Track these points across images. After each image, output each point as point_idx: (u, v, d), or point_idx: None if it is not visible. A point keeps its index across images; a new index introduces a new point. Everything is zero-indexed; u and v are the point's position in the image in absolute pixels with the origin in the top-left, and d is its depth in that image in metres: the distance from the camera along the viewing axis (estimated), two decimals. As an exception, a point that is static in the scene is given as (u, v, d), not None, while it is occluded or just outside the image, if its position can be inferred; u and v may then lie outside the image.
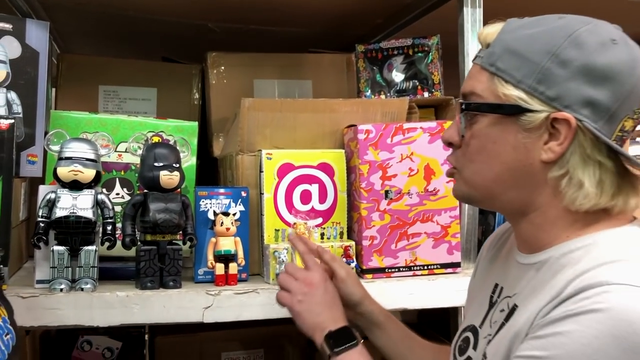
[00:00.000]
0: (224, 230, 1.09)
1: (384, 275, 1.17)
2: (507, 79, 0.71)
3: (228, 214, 1.11)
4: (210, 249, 1.10)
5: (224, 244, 1.09)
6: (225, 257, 1.10)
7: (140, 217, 1.06)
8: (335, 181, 1.20)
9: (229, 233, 1.10)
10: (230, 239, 1.10)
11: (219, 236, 1.10)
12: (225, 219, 1.09)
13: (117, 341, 1.44)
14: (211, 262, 1.09)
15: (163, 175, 1.04)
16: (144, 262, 1.05)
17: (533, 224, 0.75)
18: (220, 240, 1.10)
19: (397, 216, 1.17)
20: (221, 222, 1.09)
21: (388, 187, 1.16)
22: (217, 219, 1.09)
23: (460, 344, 0.85)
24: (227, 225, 1.09)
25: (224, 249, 1.09)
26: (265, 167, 1.17)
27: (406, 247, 1.17)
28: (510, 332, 0.71)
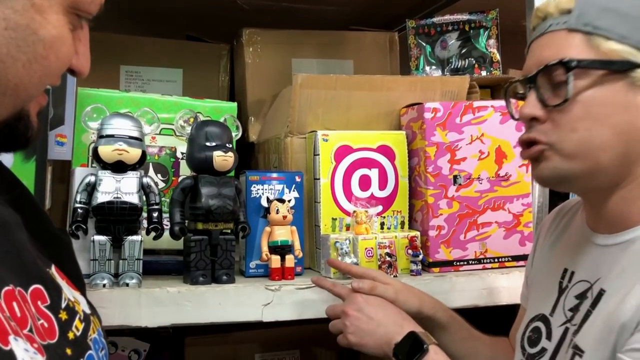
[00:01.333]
0: (279, 219, 0.98)
1: (452, 269, 1.06)
2: (609, 36, 0.67)
3: (283, 200, 1.00)
4: (265, 240, 0.99)
5: (279, 234, 0.99)
6: (281, 248, 0.99)
7: (190, 203, 0.94)
8: (396, 165, 1.09)
9: (285, 221, 0.99)
10: (286, 229, 0.99)
11: (274, 225, 0.99)
12: (281, 206, 0.98)
13: (145, 342, 1.32)
14: (266, 253, 0.98)
15: (217, 156, 0.93)
16: (194, 254, 0.93)
17: (625, 197, 0.69)
18: (276, 230, 0.99)
19: (466, 204, 1.07)
20: (277, 210, 0.98)
21: (457, 171, 1.06)
22: (272, 206, 0.99)
23: (529, 335, 0.79)
24: (284, 212, 0.98)
25: (281, 239, 0.98)
26: (321, 150, 1.06)
27: (476, 238, 1.07)
28: (605, 319, 0.66)
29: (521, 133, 1.08)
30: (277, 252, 0.99)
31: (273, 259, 0.98)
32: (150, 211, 0.93)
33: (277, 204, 0.99)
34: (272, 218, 0.99)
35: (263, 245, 0.99)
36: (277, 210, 0.98)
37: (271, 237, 0.99)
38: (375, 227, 1.07)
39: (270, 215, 0.99)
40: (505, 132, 1.07)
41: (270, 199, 1.00)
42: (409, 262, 1.04)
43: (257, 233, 1.02)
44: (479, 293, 1.04)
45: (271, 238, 0.99)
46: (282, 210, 0.98)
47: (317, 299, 0.95)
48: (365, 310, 0.85)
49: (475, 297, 1.03)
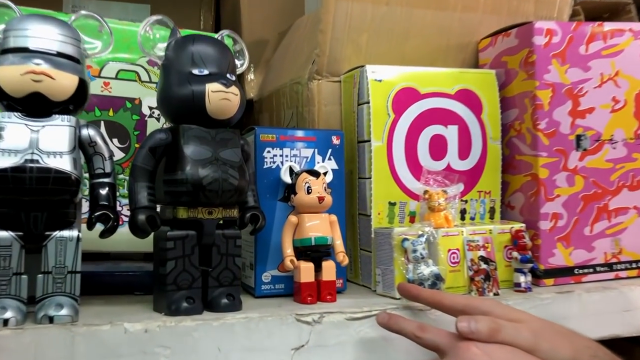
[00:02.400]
0: (312, 202, 0.60)
1: (571, 279, 0.69)
2: None
3: (317, 173, 0.61)
4: (289, 236, 0.61)
5: (312, 227, 0.60)
6: (315, 250, 0.60)
7: (166, 174, 0.54)
8: (483, 121, 0.71)
9: (321, 206, 0.60)
10: (322, 218, 0.61)
11: (304, 213, 0.61)
12: (314, 182, 0.60)
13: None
14: (291, 258, 0.60)
15: (212, 91, 0.53)
16: (173, 262, 0.54)
17: None
18: (306, 221, 0.60)
19: (593, 179, 0.70)
20: (307, 187, 0.60)
21: (581, 129, 0.69)
22: (300, 182, 0.60)
23: None
24: (319, 192, 0.60)
25: (315, 236, 0.60)
26: (373, 96, 0.67)
27: (606, 232, 0.70)
28: None
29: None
30: (309, 257, 0.60)
31: (303, 268, 0.60)
32: (96, 187, 0.53)
33: (307, 177, 0.60)
34: (301, 201, 0.60)
35: (286, 245, 0.60)
36: (309, 189, 0.60)
37: (299, 233, 0.60)
38: (454, 215, 0.69)
39: (296, 197, 0.61)
40: (650, 70, 0.71)
41: (295, 171, 0.62)
42: (511, 271, 0.66)
43: (274, 226, 0.63)
44: (620, 317, 0.67)
45: (299, 234, 0.60)
46: (315, 188, 0.60)
47: (384, 337, 0.57)
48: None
49: (616, 324, 0.66)
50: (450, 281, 0.63)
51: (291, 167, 0.63)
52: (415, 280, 0.61)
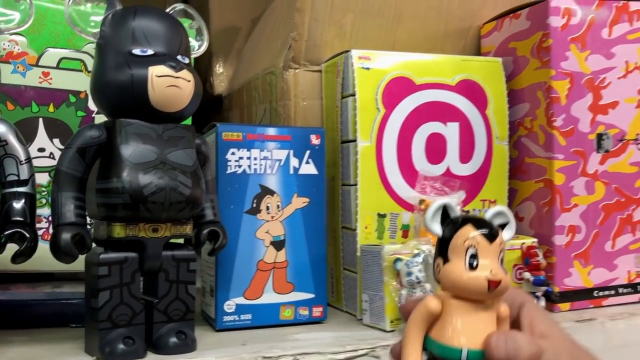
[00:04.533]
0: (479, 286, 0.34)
1: (590, 303, 0.59)
2: None
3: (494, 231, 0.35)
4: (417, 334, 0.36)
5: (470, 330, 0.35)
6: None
7: (99, 181, 0.43)
8: (488, 118, 0.61)
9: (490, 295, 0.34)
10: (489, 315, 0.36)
11: (456, 297, 0.36)
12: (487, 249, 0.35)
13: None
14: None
15: (157, 75, 0.42)
16: (107, 293, 0.42)
17: None
18: (459, 314, 0.35)
19: (615, 186, 0.60)
20: (470, 258, 0.34)
21: (603, 127, 0.59)
22: (459, 241, 0.35)
23: None
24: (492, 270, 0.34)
25: (470, 349, 0.35)
26: (359, 87, 0.56)
27: (630, 248, 0.60)
28: None
29: None
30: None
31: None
32: (8, 198, 0.42)
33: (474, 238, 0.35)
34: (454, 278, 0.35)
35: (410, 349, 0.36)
36: (472, 262, 0.34)
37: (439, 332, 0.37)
38: (455, 229, 0.58)
39: (447, 266, 0.35)
40: (680, 58, 0.61)
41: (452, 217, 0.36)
42: (523, 294, 0.56)
43: (239, 244, 0.52)
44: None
45: (439, 334, 0.37)
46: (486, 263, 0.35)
47: (370, 380, 0.46)
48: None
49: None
50: (452, 309, 0.53)
51: (446, 207, 0.37)
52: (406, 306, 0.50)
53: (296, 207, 0.54)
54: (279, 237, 0.54)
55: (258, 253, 0.53)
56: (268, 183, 0.53)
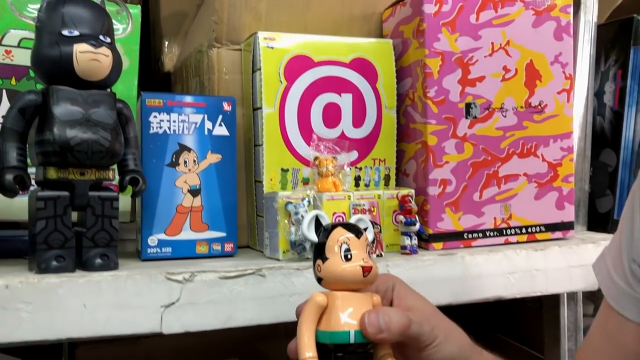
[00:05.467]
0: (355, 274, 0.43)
1: (461, 244, 0.71)
2: None
3: (358, 230, 0.45)
4: (309, 326, 0.43)
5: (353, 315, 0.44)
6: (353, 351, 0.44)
7: (37, 134, 0.55)
8: (378, 90, 0.72)
9: (366, 280, 0.44)
10: (365, 301, 0.45)
11: (337, 289, 0.44)
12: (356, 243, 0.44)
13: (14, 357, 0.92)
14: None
15: (80, 51, 0.54)
16: (44, 222, 0.54)
17: None
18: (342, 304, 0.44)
19: (482, 147, 0.71)
20: (345, 251, 0.44)
21: (471, 97, 0.70)
22: (332, 241, 0.45)
23: None
24: (364, 258, 0.44)
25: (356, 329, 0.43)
26: (264, 62, 0.68)
27: (496, 198, 0.72)
28: None
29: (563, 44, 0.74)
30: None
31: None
32: (-38, 148, 0.53)
33: (344, 235, 0.44)
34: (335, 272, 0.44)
35: (304, 339, 0.43)
36: (347, 253, 0.43)
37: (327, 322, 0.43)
38: (349, 183, 0.70)
39: (327, 263, 0.44)
40: (540, 40, 0.72)
41: (324, 225, 0.46)
42: (399, 235, 0.67)
43: (160, 191, 0.64)
44: (504, 280, 0.69)
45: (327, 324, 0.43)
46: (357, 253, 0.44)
47: (257, 296, 0.58)
48: None
49: (500, 286, 0.68)
50: (335, 244, 0.64)
51: (318, 218, 0.45)
52: (297, 241, 0.62)
53: (210, 162, 0.66)
54: (195, 186, 0.65)
55: (177, 198, 0.65)
56: (185, 142, 0.65)
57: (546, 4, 0.72)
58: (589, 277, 0.71)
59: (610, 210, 0.81)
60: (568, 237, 0.75)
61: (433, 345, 0.45)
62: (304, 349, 0.42)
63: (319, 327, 0.43)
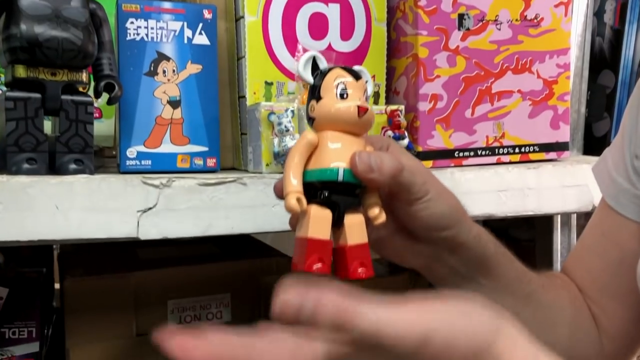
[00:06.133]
0: (349, 113, 0.40)
1: (452, 162, 0.69)
2: None
3: (357, 74, 0.42)
4: (298, 162, 0.40)
5: (342, 153, 0.40)
6: (342, 191, 0.40)
7: (4, 31, 0.52)
8: (367, 1, 0.69)
9: (360, 122, 0.40)
10: (359, 144, 0.41)
11: (330, 129, 0.41)
12: (353, 85, 0.41)
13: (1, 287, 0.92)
14: (297, 196, 0.39)
15: (46, -60, 0.51)
16: (14, 123, 0.52)
17: None
18: (332, 141, 0.40)
19: (475, 60, 0.68)
20: (341, 90, 0.40)
21: (464, 7, 0.67)
22: (329, 81, 0.41)
23: None
24: (360, 99, 0.41)
25: (345, 168, 0.40)
26: (247, -32, 0.65)
27: (489, 116, 0.70)
28: None
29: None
30: (327, 201, 0.40)
31: (314, 216, 0.39)
32: None
33: (341, 76, 0.41)
34: (329, 109, 0.40)
35: (291, 173, 0.40)
36: (343, 92, 0.40)
37: (316, 160, 0.41)
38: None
39: (321, 102, 0.41)
40: (538, -52, 0.69)
41: (321, 67, 0.43)
42: (388, 151, 0.65)
43: (138, 100, 0.61)
44: (496, 197, 0.67)
45: (316, 162, 0.41)
46: (353, 93, 0.40)
47: (239, 204, 0.56)
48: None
49: (491, 204, 0.67)
50: (321, 158, 0.62)
51: (315, 59, 0.42)
52: (280, 152, 0.60)
53: (190, 72, 0.63)
54: (174, 97, 0.63)
55: (156, 110, 0.62)
56: (164, 50, 0.62)
57: None
58: (583, 198, 0.70)
59: (607, 133, 0.79)
60: (562, 159, 0.73)
61: (424, 199, 0.43)
62: (289, 181, 0.39)
63: (307, 167, 0.40)
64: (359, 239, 0.40)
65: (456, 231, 0.45)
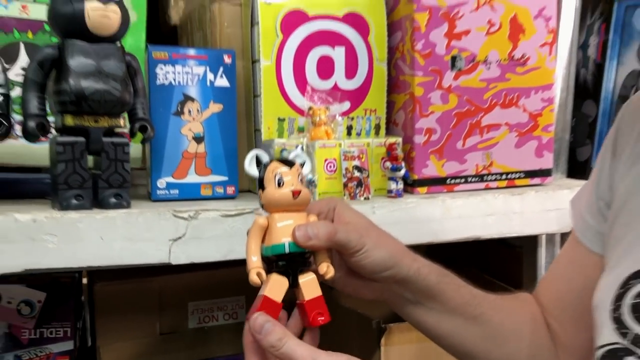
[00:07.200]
0: (286, 198, 0.49)
1: (444, 189, 0.77)
2: None
3: (291, 162, 0.51)
4: (254, 242, 0.50)
5: (287, 230, 0.49)
6: (291, 259, 0.50)
7: (55, 85, 0.61)
8: (370, 44, 0.77)
9: (296, 203, 0.50)
10: (300, 219, 0.50)
11: (274, 212, 0.50)
12: (287, 173, 0.50)
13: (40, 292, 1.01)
14: (257, 271, 0.49)
15: (91, 9, 0.59)
16: (63, 164, 0.61)
17: None
18: (278, 221, 0.50)
19: (467, 97, 0.76)
20: (278, 180, 0.49)
21: (456, 50, 0.75)
22: (269, 174, 0.50)
23: (635, 303, 0.47)
24: (293, 184, 0.50)
25: (290, 241, 0.49)
26: (262, 17, 0.72)
27: (478, 147, 0.77)
28: None
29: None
30: (283, 269, 0.50)
31: (272, 280, 0.49)
32: (-11, 97, 0.59)
33: (278, 168, 0.50)
34: (271, 197, 0.50)
35: (250, 253, 0.50)
36: (280, 181, 0.49)
37: (269, 238, 0.50)
38: (341, 131, 0.75)
39: (265, 192, 0.50)
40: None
41: (263, 162, 0.51)
42: (386, 180, 0.73)
43: (167, 137, 0.70)
44: (482, 221, 0.75)
45: (269, 239, 0.50)
46: (288, 180, 0.49)
47: (254, 231, 0.65)
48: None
49: (478, 227, 0.75)
50: (327, 187, 0.71)
51: (258, 156, 0.51)
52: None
53: (212, 111, 0.72)
54: (199, 133, 0.71)
55: (183, 145, 0.71)
56: (189, 92, 0.70)
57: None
58: (563, 220, 0.77)
59: (589, 158, 0.86)
60: (546, 184, 0.81)
61: (362, 251, 0.51)
62: (250, 259, 0.49)
63: (262, 244, 0.50)
64: (313, 294, 0.50)
65: (396, 271, 0.54)
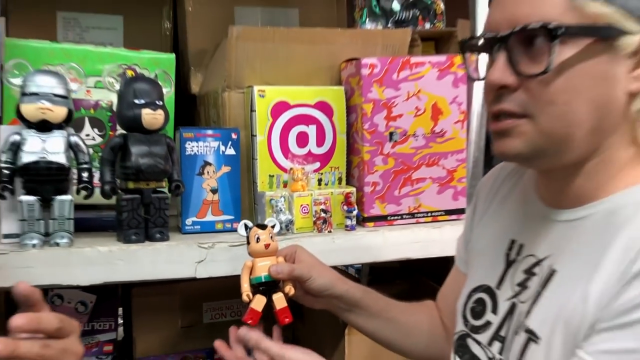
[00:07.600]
0: (261, 249, 0.82)
1: (386, 223, 1.09)
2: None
3: (264, 226, 0.84)
4: (244, 276, 0.83)
5: (263, 268, 0.82)
6: (266, 285, 0.82)
7: (121, 162, 0.93)
8: (334, 122, 1.09)
9: (268, 251, 0.82)
10: (272, 260, 0.83)
11: (257, 257, 0.83)
12: (262, 233, 0.82)
13: (91, 294, 1.33)
14: (247, 293, 0.81)
15: (146, 114, 0.91)
16: (127, 213, 0.93)
17: (585, 173, 0.64)
18: (257, 263, 0.83)
19: (401, 160, 1.08)
20: (257, 238, 0.82)
21: (393, 128, 1.07)
22: (251, 235, 0.83)
23: (473, 306, 0.76)
24: (265, 240, 0.82)
25: (265, 275, 0.82)
26: (257, 106, 1.05)
27: (410, 193, 1.09)
28: (560, 305, 0.62)
29: (459, 89, 1.09)
30: (262, 291, 0.82)
31: (256, 299, 0.81)
32: (80, 171, 0.92)
33: (257, 231, 0.83)
34: (252, 249, 0.83)
35: (242, 283, 0.82)
36: (257, 239, 0.82)
37: (253, 273, 0.83)
38: (313, 183, 1.08)
39: (250, 246, 0.83)
40: (442, 88, 1.08)
41: (249, 227, 0.84)
42: (344, 218, 1.05)
43: (192, 190, 1.02)
44: (411, 246, 1.07)
45: (253, 274, 0.83)
46: (263, 237, 0.82)
47: (251, 256, 0.97)
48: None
49: (408, 250, 1.06)
50: (302, 224, 1.03)
51: (245, 224, 0.84)
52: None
53: (223, 172, 1.04)
54: (214, 187, 1.04)
55: (203, 195, 1.03)
56: (208, 159, 1.03)
57: (446, 63, 1.07)
58: (472, 245, 1.09)
59: (496, 199, 1.18)
60: (461, 219, 1.12)
61: (310, 280, 0.84)
62: (242, 285, 0.82)
63: (250, 276, 0.83)
64: (282, 305, 0.82)
65: (333, 291, 0.86)
